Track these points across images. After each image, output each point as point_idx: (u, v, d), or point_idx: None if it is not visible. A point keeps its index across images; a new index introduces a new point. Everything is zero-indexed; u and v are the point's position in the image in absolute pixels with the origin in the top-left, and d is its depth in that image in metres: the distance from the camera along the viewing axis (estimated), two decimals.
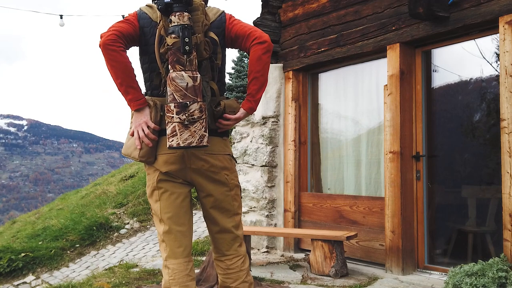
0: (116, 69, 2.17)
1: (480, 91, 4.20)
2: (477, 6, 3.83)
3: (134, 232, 7.59)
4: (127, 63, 2.19)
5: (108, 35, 2.16)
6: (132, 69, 2.22)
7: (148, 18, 2.29)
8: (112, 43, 2.15)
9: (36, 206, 20.00)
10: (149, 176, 2.32)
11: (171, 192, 2.28)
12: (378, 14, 4.60)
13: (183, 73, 2.13)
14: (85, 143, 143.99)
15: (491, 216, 4.01)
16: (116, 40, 2.16)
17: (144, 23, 2.29)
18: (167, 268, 2.28)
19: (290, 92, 5.50)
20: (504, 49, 3.66)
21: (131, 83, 2.20)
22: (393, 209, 4.33)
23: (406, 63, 4.42)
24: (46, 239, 7.44)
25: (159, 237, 2.34)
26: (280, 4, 5.72)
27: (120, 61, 2.16)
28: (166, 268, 2.28)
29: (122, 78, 2.18)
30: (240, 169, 5.90)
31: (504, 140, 3.63)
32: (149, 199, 2.35)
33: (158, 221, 2.33)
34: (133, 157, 2.26)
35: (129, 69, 2.20)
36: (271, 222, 5.54)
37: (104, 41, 2.14)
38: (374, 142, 4.91)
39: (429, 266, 4.33)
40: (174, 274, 2.25)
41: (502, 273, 3.29)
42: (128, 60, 2.21)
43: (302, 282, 4.17)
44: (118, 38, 2.17)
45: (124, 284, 4.41)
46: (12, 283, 6.38)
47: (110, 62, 2.17)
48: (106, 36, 2.15)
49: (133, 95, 2.20)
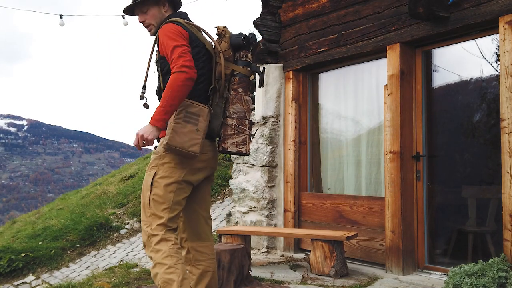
0: (181, 98, 2.46)
1: (480, 91, 4.20)
2: (477, 6, 3.83)
3: (134, 232, 7.59)
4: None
5: (195, 71, 2.48)
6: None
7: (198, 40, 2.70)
8: (195, 79, 2.49)
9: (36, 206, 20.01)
10: (174, 169, 2.58)
11: (185, 192, 2.64)
12: (378, 14, 4.59)
13: (249, 98, 2.71)
14: (85, 143, 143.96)
15: (491, 216, 4.01)
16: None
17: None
18: (166, 240, 2.55)
19: (290, 92, 5.50)
20: (504, 49, 3.66)
21: (176, 109, 2.51)
22: (393, 209, 4.33)
23: (406, 63, 4.42)
24: (46, 239, 7.44)
25: (160, 220, 2.55)
26: (280, 4, 5.72)
27: (187, 93, 2.49)
28: (166, 240, 2.55)
29: (177, 105, 2.47)
30: (240, 169, 5.90)
31: (504, 140, 3.63)
32: (162, 187, 2.56)
33: (162, 209, 2.56)
34: (191, 151, 2.50)
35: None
36: (271, 222, 5.54)
37: (193, 75, 2.45)
38: (374, 142, 4.91)
39: (429, 266, 4.33)
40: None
41: (502, 273, 3.28)
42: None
43: (302, 282, 4.17)
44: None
45: (124, 284, 4.41)
46: (12, 283, 6.38)
47: (182, 91, 2.44)
48: (195, 72, 2.47)
49: (169, 118, 2.49)
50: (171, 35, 2.56)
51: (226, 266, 3.85)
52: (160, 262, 2.47)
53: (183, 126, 2.51)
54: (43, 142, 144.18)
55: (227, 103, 2.71)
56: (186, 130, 2.51)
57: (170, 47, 2.51)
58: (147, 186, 2.60)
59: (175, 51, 2.49)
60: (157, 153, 2.62)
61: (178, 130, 2.50)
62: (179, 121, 2.51)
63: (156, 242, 2.52)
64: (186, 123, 2.52)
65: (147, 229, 2.56)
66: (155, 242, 2.52)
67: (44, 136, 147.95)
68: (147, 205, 2.57)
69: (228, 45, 2.72)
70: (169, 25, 2.62)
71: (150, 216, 2.57)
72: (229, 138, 2.67)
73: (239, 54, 2.75)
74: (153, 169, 2.60)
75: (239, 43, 2.72)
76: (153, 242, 2.53)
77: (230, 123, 2.67)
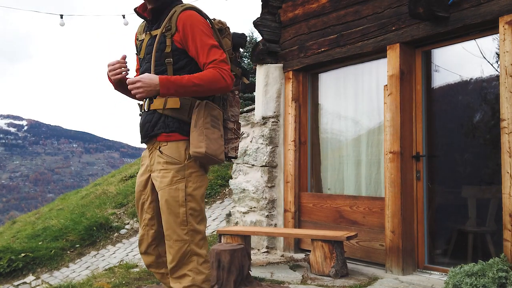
0: (203, 93, 2.31)
1: (480, 91, 4.19)
2: (477, 6, 3.83)
3: (134, 232, 7.59)
4: None
5: (232, 85, 2.34)
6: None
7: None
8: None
9: (36, 206, 19.99)
10: (203, 176, 2.39)
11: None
12: (378, 14, 4.59)
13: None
14: (85, 143, 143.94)
15: (491, 216, 4.01)
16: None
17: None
18: (207, 262, 2.36)
19: (290, 92, 5.50)
20: (504, 49, 3.66)
21: (190, 96, 2.35)
22: (393, 209, 4.33)
23: (406, 63, 4.42)
24: (46, 239, 7.44)
25: (199, 236, 2.34)
26: (280, 4, 5.72)
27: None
28: (207, 263, 2.36)
29: (195, 94, 2.31)
30: (240, 169, 5.90)
31: (504, 140, 3.63)
32: (199, 199, 2.34)
33: (198, 221, 2.34)
34: (221, 159, 2.34)
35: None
36: (271, 222, 5.54)
37: (229, 89, 2.32)
38: (374, 142, 4.91)
39: (429, 266, 4.33)
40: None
41: (502, 273, 3.29)
42: None
43: (302, 282, 4.17)
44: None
45: (124, 285, 4.41)
46: (12, 283, 6.37)
47: (210, 92, 2.31)
48: (232, 83, 2.31)
49: (177, 96, 2.33)
50: (206, 30, 2.31)
51: (226, 266, 3.85)
52: (200, 286, 2.29)
53: (213, 132, 2.30)
54: (43, 142, 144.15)
55: (226, 105, 2.53)
56: (216, 136, 2.31)
57: (207, 46, 2.26)
58: (178, 202, 2.29)
59: (216, 51, 2.28)
60: (176, 162, 2.32)
61: (210, 137, 2.28)
62: (208, 126, 2.29)
63: (201, 262, 2.32)
64: (214, 128, 2.31)
65: (186, 247, 2.29)
66: (199, 263, 2.31)
67: (44, 136, 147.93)
68: (183, 222, 2.28)
69: (231, 44, 2.52)
70: (198, 16, 2.34)
71: (188, 233, 2.29)
72: (229, 143, 2.51)
73: (235, 54, 2.56)
74: (180, 181, 2.29)
75: (241, 43, 2.55)
76: (195, 262, 2.30)
77: (231, 127, 2.51)
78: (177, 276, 2.32)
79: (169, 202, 2.29)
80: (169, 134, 2.34)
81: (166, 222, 2.31)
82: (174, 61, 2.32)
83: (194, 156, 2.27)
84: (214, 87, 2.25)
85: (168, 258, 2.33)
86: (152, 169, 2.40)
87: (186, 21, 2.29)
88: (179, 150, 2.32)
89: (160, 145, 2.36)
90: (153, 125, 2.37)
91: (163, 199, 2.31)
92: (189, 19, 2.30)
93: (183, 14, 2.31)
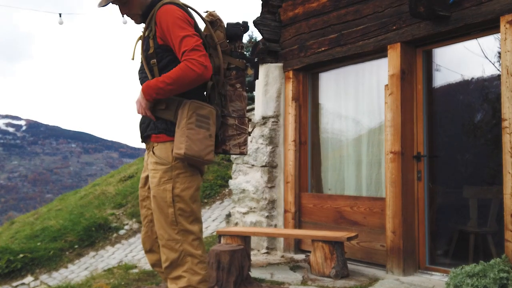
0: (182, 90, 2.26)
1: (481, 90, 4.18)
2: (478, 6, 3.81)
3: (133, 233, 7.57)
4: None
5: (210, 70, 2.24)
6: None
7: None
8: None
9: (34, 206, 19.96)
10: (192, 177, 2.34)
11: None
12: (378, 13, 4.58)
13: (246, 94, 2.49)
14: (84, 144, 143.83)
15: (493, 217, 3.99)
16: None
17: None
18: (203, 263, 2.34)
19: (290, 92, 5.48)
20: (506, 49, 3.64)
21: (168, 95, 2.31)
22: (394, 210, 4.31)
23: (407, 62, 4.40)
24: (45, 240, 7.41)
25: (193, 236, 2.32)
26: (280, 4, 5.70)
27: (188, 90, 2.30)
28: (203, 263, 2.34)
29: (173, 93, 2.27)
30: (240, 169, 5.88)
31: (505, 140, 3.61)
32: (187, 200, 2.31)
33: (190, 221, 2.32)
34: (207, 159, 2.28)
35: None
36: (271, 222, 5.52)
37: (207, 77, 2.24)
38: (375, 142, 4.89)
39: (430, 267, 4.31)
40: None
41: (504, 274, 3.27)
42: None
43: (302, 283, 4.15)
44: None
45: (123, 285, 4.39)
46: (10, 284, 6.35)
47: (188, 86, 2.24)
48: (211, 73, 2.25)
49: (158, 98, 2.31)
50: (179, 21, 2.25)
51: (226, 267, 3.83)
52: (196, 287, 2.28)
53: (197, 132, 2.24)
54: (41, 142, 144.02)
55: (225, 101, 2.45)
56: (201, 137, 2.25)
57: (179, 37, 2.22)
58: (166, 203, 2.29)
59: (187, 41, 2.20)
60: (164, 163, 2.31)
61: (193, 137, 2.23)
62: (191, 126, 2.23)
63: (196, 263, 2.30)
64: (199, 128, 2.25)
65: (179, 247, 2.29)
66: (194, 263, 2.30)
67: (42, 136, 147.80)
68: (173, 222, 2.29)
69: (224, 36, 2.44)
70: (172, 9, 2.29)
71: (179, 233, 2.29)
72: (230, 140, 2.44)
73: (234, 45, 2.46)
74: (167, 183, 2.29)
75: (236, 33, 2.45)
76: (189, 262, 2.29)
77: (231, 122, 2.43)
78: (173, 277, 2.32)
79: (159, 202, 2.31)
80: (157, 135, 2.35)
81: (158, 221, 2.34)
82: (157, 61, 2.33)
83: (175, 157, 2.27)
84: (186, 81, 2.20)
85: (162, 258, 2.34)
86: (148, 168, 2.45)
87: (161, 17, 2.28)
88: (167, 151, 2.32)
89: (153, 146, 2.38)
90: (146, 126, 2.42)
91: (154, 199, 2.34)
92: (164, 15, 2.28)
93: (160, 11, 2.30)
